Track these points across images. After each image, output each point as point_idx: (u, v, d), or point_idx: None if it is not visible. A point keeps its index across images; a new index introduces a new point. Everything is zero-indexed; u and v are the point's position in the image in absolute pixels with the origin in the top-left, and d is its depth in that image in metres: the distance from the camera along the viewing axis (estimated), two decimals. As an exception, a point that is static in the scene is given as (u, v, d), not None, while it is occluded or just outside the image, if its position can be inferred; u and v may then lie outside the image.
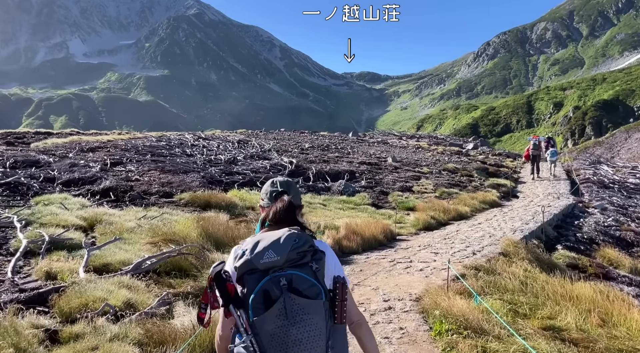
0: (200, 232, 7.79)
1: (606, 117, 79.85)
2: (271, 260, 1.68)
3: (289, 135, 26.29)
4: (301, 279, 1.68)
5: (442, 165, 17.94)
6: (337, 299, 1.75)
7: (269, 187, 2.10)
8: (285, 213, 1.90)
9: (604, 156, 27.21)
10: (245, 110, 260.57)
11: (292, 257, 1.70)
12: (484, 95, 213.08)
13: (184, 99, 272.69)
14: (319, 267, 1.75)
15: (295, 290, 1.66)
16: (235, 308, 1.68)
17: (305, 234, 1.81)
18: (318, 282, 1.71)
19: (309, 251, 1.75)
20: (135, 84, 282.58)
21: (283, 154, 16.80)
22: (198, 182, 11.98)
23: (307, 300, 1.65)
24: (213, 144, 17.71)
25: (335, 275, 1.85)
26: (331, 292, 1.77)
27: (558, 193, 14.41)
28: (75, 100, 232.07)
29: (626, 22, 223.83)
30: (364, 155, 18.89)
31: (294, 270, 1.69)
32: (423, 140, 32.95)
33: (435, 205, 11.81)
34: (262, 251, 1.71)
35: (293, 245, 1.71)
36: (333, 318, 1.73)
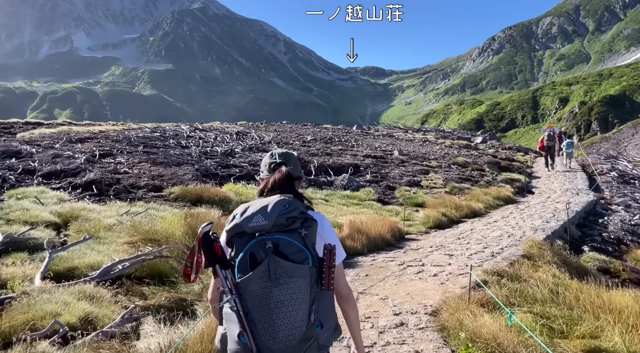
0: (186, 230, 6.95)
1: (612, 112, 78.83)
2: (259, 224, 1.69)
3: (290, 127, 25.36)
4: (288, 244, 1.69)
5: (452, 159, 17.00)
6: (325, 265, 1.75)
7: (268, 159, 2.10)
8: (283, 184, 1.90)
9: (612, 151, 26.21)
10: (249, 104, 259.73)
11: (281, 221, 1.70)
12: (489, 91, 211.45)
13: (188, 93, 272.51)
14: (307, 233, 1.74)
15: (281, 254, 1.66)
16: (221, 268, 1.69)
17: (296, 201, 1.81)
18: (306, 248, 1.71)
19: (299, 218, 1.74)
20: (140, 78, 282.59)
21: (284, 147, 15.92)
22: (191, 175, 11.14)
23: (292, 264, 1.66)
24: (210, 136, 16.83)
25: (326, 242, 1.84)
26: (321, 259, 1.77)
27: (576, 188, 13.49)
28: (79, 94, 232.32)
29: (633, 17, 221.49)
30: (368, 148, 17.98)
31: (282, 235, 1.69)
32: (430, 133, 31.98)
33: (446, 201, 10.93)
34: (250, 215, 1.72)
35: (282, 211, 1.71)
36: (320, 284, 1.74)
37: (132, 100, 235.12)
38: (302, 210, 1.78)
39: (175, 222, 7.26)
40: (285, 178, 1.92)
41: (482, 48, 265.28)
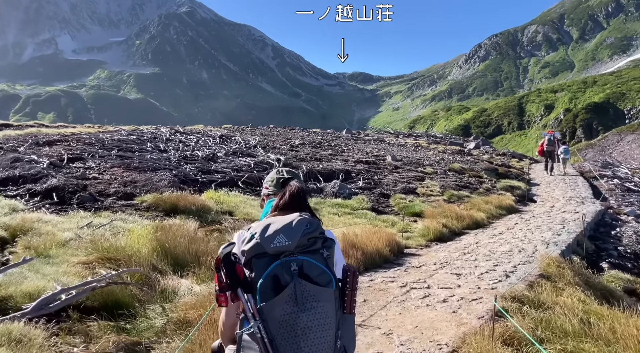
0: (154, 246, 5.98)
1: (597, 119, 79.67)
2: (282, 244, 1.62)
3: (277, 131, 24.37)
4: (312, 266, 1.62)
5: (447, 165, 16.20)
6: (348, 288, 1.67)
7: (274, 174, 2.12)
8: (297, 199, 1.87)
9: (608, 158, 25.84)
10: (237, 109, 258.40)
11: (304, 242, 1.64)
12: (475, 97, 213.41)
13: (175, 97, 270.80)
14: (329, 254, 1.68)
15: (306, 276, 1.60)
16: (243, 292, 1.61)
17: (316, 220, 1.76)
18: (329, 270, 1.65)
19: (320, 238, 1.68)
20: (125, 82, 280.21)
21: (270, 151, 14.99)
22: (168, 181, 10.14)
23: (318, 287, 1.58)
24: (191, 139, 15.81)
25: (344, 264, 1.78)
26: (340, 281, 1.69)
27: (580, 197, 12.76)
28: (63, 97, 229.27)
29: (616, 26, 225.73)
30: (360, 153, 17.12)
31: (305, 256, 1.63)
32: (421, 138, 31.21)
33: (445, 211, 10.08)
34: (272, 235, 1.64)
35: (305, 230, 1.65)
36: (343, 307, 1.66)
37: (117, 104, 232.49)
38: (322, 230, 1.72)
39: (144, 236, 6.29)
40: (300, 193, 1.89)
41: (469, 55, 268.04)
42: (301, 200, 1.87)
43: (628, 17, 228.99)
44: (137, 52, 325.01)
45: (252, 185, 11.56)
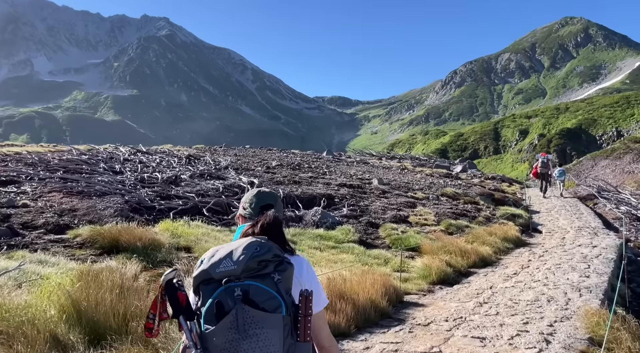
0: (66, 305, 4.27)
1: (570, 144, 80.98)
2: (227, 269, 1.54)
3: (253, 152, 22.67)
4: (259, 290, 1.51)
5: (439, 190, 14.77)
6: (300, 314, 1.56)
7: (253, 197, 1.99)
8: (273, 229, 1.76)
9: (602, 183, 24.97)
10: (216, 131, 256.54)
11: (252, 266, 1.53)
12: (452, 122, 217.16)
13: (153, 119, 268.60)
14: (281, 278, 1.56)
15: (251, 301, 1.49)
16: (185, 319, 1.54)
17: (270, 242, 1.63)
18: (279, 295, 1.53)
19: (273, 261, 1.57)
20: (103, 103, 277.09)
21: (243, 173, 13.34)
22: (115, 209, 8.39)
23: (263, 313, 1.49)
24: (154, 160, 14.06)
25: (303, 288, 1.63)
26: (297, 307, 1.58)
27: (590, 227, 11.46)
28: (38, 119, 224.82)
29: (585, 55, 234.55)
30: (343, 175, 15.61)
31: (253, 281, 1.52)
32: (405, 161, 30.01)
33: (446, 244, 8.56)
34: (218, 260, 1.57)
35: (253, 254, 1.55)
36: (296, 335, 1.55)
37: (93, 126, 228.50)
38: (276, 253, 1.60)
39: (58, 289, 4.57)
40: (273, 224, 1.77)
41: (445, 81, 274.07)
42: (275, 233, 1.74)
43: (596, 47, 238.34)
44: (115, 74, 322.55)
45: (219, 212, 9.88)
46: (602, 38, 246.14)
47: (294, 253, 1.81)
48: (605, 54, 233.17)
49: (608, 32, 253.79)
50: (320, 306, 1.79)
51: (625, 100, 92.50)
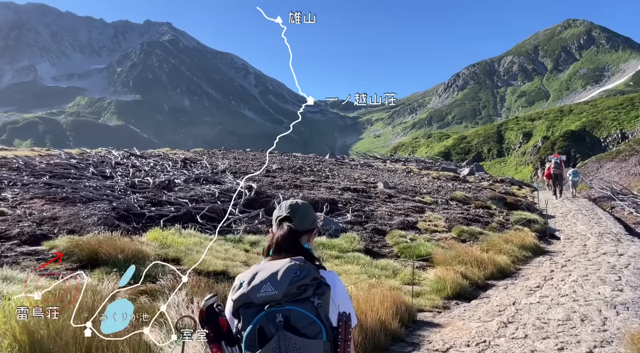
0: (19, 335, 3.59)
1: (574, 147, 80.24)
2: (268, 294, 1.52)
3: (253, 155, 21.99)
4: (300, 316, 1.51)
5: (448, 194, 14.04)
6: (340, 339, 1.54)
7: (276, 211, 1.92)
8: (285, 243, 1.75)
9: (615, 185, 24.23)
10: (219, 135, 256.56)
11: (292, 291, 1.53)
12: (455, 125, 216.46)
13: (156, 123, 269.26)
14: (321, 302, 1.55)
15: (292, 327, 1.49)
16: (227, 345, 1.57)
17: (308, 266, 1.61)
18: (319, 320, 1.52)
19: (311, 284, 1.56)
20: (106, 109, 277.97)
21: (241, 177, 12.66)
22: (99, 216, 7.72)
23: (305, 340, 1.47)
24: (148, 163, 13.38)
25: (340, 311, 1.63)
26: (335, 329, 1.57)
27: (611, 232, 10.73)
28: (41, 124, 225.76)
29: (588, 57, 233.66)
30: (346, 179, 14.91)
31: (293, 306, 1.52)
32: (410, 163, 29.22)
33: (460, 254, 7.84)
34: (259, 284, 1.55)
35: (293, 279, 1.54)
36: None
37: (97, 131, 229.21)
38: (315, 276, 1.59)
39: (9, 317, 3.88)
40: (287, 237, 1.75)
41: (447, 84, 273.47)
42: (290, 244, 1.73)
43: (599, 49, 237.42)
44: (119, 80, 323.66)
45: (214, 219, 9.19)
46: (605, 40, 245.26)
47: (324, 269, 1.76)
48: (609, 56, 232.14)
49: (611, 34, 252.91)
50: (352, 322, 1.67)
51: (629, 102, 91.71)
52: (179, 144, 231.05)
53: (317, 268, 1.67)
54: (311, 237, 1.88)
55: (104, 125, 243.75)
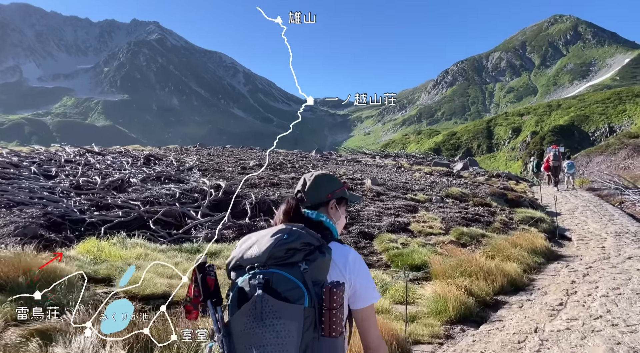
0: None
1: (563, 141, 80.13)
2: (254, 255, 1.50)
3: (231, 151, 20.46)
4: (283, 279, 1.45)
5: (443, 190, 12.67)
6: (324, 307, 1.46)
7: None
8: (285, 216, 1.70)
9: (606, 178, 23.50)
10: (208, 134, 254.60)
11: (278, 254, 1.48)
12: (444, 121, 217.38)
13: (144, 123, 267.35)
14: (307, 268, 1.47)
15: (273, 291, 1.44)
16: (212, 304, 1.56)
17: (304, 232, 1.54)
18: (304, 285, 1.46)
19: (302, 249, 1.50)
20: (93, 109, 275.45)
21: (210, 175, 11.21)
22: (16, 225, 6.27)
23: (282, 303, 1.42)
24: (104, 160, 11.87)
25: (352, 289, 1.61)
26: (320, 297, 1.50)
27: (629, 231, 9.45)
28: (27, 125, 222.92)
29: (575, 53, 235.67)
30: (331, 176, 13.55)
31: (278, 269, 1.47)
32: (401, 159, 27.90)
33: (462, 262, 6.49)
34: (248, 246, 1.55)
35: (280, 241, 1.50)
36: (320, 328, 1.46)
37: (84, 131, 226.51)
38: (308, 241, 1.52)
39: None
40: (287, 211, 1.71)
41: (437, 80, 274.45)
42: (294, 217, 1.68)
43: (586, 45, 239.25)
44: (106, 79, 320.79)
45: (170, 225, 7.77)
46: (591, 35, 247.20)
47: (339, 242, 1.68)
48: (595, 51, 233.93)
49: (597, 29, 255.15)
50: (367, 302, 1.62)
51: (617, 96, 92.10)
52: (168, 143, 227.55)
53: (322, 237, 1.58)
54: (329, 208, 1.79)
55: (92, 125, 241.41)
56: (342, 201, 1.84)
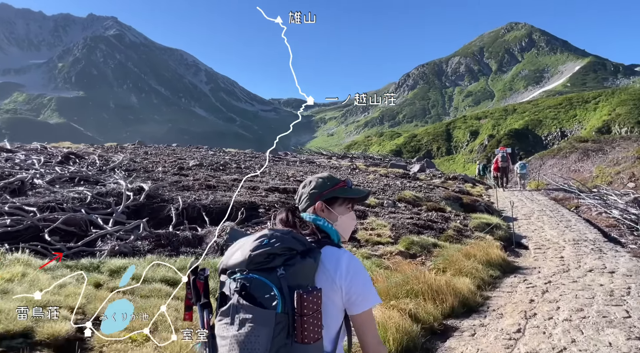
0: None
1: (518, 144, 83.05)
2: (237, 260, 1.51)
3: (173, 150, 19.01)
4: (260, 285, 1.44)
5: (396, 194, 11.83)
6: (296, 314, 1.43)
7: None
8: (284, 223, 1.68)
9: (559, 182, 23.86)
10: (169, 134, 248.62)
11: (258, 259, 1.47)
12: (405, 124, 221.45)
13: (101, 121, 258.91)
14: (285, 273, 1.45)
15: (250, 296, 1.44)
16: (200, 306, 1.59)
17: (288, 236, 1.52)
18: (280, 291, 1.44)
19: (282, 254, 1.47)
20: (46, 105, 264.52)
21: (136, 175, 9.93)
22: None
23: (255, 309, 1.42)
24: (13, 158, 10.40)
25: (348, 296, 1.57)
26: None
27: (587, 239, 8.90)
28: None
29: (529, 59, 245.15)
30: (277, 177, 12.40)
31: (257, 274, 1.46)
32: (358, 160, 27.15)
33: (409, 279, 5.62)
34: (235, 250, 1.56)
35: (259, 246, 1.48)
36: (293, 335, 1.44)
37: (36, 129, 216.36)
38: (290, 246, 1.49)
39: None
40: (285, 220, 1.69)
41: (398, 83, 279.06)
42: (292, 223, 1.67)
43: (540, 52, 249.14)
44: (60, 75, 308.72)
45: (73, 235, 6.56)
46: (544, 43, 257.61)
47: (336, 246, 1.64)
48: (548, 58, 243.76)
49: (550, 37, 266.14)
50: (362, 307, 1.58)
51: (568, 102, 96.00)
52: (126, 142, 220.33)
53: (317, 241, 1.59)
54: (318, 211, 1.74)
55: (44, 122, 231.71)
56: (335, 201, 1.77)
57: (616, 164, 27.15)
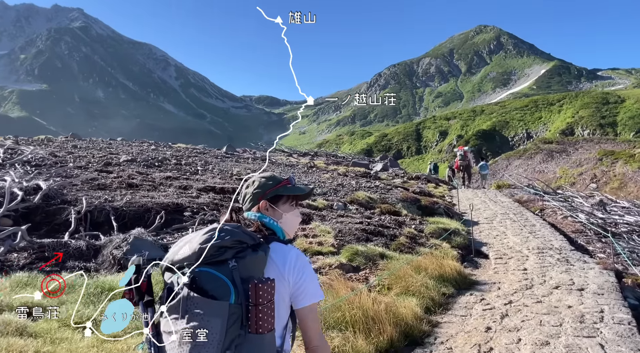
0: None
1: (485, 145, 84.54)
2: (184, 255, 1.50)
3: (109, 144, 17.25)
4: (211, 277, 1.44)
5: (349, 194, 10.74)
6: (251, 303, 1.42)
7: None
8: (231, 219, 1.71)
9: (522, 182, 23.61)
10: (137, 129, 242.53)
11: (209, 252, 1.46)
12: (377, 123, 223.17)
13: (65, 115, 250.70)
14: (236, 265, 1.45)
15: (200, 289, 1.43)
16: (143, 305, 1.53)
17: (236, 230, 1.52)
18: (231, 282, 1.44)
19: (233, 247, 1.48)
20: (7, 98, 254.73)
21: (38, 171, 8.50)
22: None
23: (207, 300, 1.41)
24: None
25: (294, 289, 1.60)
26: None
27: (552, 247, 8.02)
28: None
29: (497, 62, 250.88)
30: (219, 175, 11.07)
31: (207, 267, 1.46)
32: (319, 158, 25.91)
33: (341, 303, 4.52)
34: (180, 247, 1.55)
35: (209, 239, 1.48)
36: (247, 325, 1.44)
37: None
38: (240, 239, 1.51)
39: None
40: (230, 220, 1.67)
41: (370, 83, 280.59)
42: (237, 220, 1.71)
43: (507, 55, 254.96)
44: (22, 67, 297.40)
45: None
46: (512, 46, 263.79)
47: (284, 243, 1.66)
48: (515, 61, 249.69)
49: (517, 40, 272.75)
50: (306, 301, 1.61)
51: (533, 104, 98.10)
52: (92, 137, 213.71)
53: (263, 238, 1.59)
54: (262, 209, 1.74)
55: (4, 116, 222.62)
56: (279, 199, 1.76)
57: (579, 165, 27.46)
